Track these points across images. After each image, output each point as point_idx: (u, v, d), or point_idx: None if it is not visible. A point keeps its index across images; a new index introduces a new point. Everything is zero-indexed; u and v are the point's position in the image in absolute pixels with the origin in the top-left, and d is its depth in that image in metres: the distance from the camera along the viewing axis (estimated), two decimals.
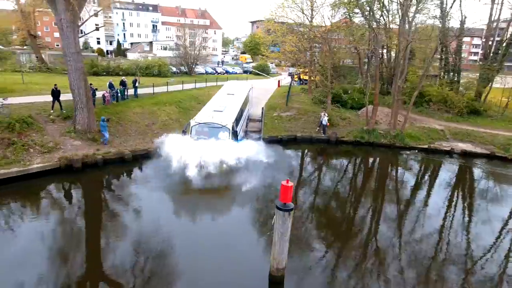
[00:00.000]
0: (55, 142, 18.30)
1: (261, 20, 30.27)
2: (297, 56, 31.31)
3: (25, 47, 56.04)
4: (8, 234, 11.73)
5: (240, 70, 67.61)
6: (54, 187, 15.90)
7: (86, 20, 28.87)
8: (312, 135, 26.35)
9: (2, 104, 18.54)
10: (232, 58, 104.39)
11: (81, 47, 71.11)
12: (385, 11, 27.64)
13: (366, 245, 12.57)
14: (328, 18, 27.99)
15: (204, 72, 55.51)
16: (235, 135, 17.47)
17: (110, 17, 79.12)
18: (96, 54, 56.38)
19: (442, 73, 37.35)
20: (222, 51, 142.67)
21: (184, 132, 17.77)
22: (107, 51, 76.12)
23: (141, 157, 19.41)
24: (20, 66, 31.78)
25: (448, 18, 28.94)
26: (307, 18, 30.25)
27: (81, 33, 75.56)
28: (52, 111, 20.44)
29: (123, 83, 25.48)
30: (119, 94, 24.80)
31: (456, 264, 11.50)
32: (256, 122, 29.23)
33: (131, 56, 65.98)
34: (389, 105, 29.15)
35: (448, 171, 22.27)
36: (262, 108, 30.98)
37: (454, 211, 16.45)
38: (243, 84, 28.38)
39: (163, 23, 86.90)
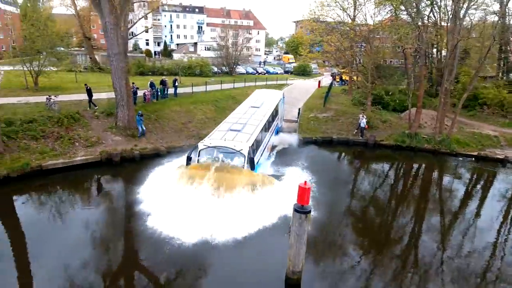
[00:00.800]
0: (98, 137, 19.53)
1: (302, 20, 29.59)
2: (336, 56, 30.37)
3: (82, 48, 60.69)
4: (56, 218, 12.89)
5: (281, 70, 67.29)
6: (95, 178, 16.98)
7: (135, 23, 30.61)
8: (349, 138, 25.43)
9: (53, 101, 20.15)
10: (274, 58, 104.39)
11: (131, 48, 75.01)
12: (435, 7, 25.90)
13: (402, 257, 11.80)
14: (371, 17, 26.76)
15: (245, 72, 56.01)
16: (251, 162, 13.89)
17: (158, 19, 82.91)
18: (144, 55, 59.33)
19: (500, 74, 34.18)
20: (266, 51, 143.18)
21: (189, 159, 14.38)
22: (155, 52, 79.86)
23: (175, 154, 20.02)
24: (74, 66, 34.36)
25: (509, 13, 26.41)
26: (349, 17, 29.28)
27: (132, 35, 79.77)
28: (89, 109, 21.81)
29: (163, 83, 26.53)
30: (159, 93, 25.83)
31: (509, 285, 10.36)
32: (292, 123, 28.93)
33: (176, 56, 68.53)
34: (437, 107, 27.25)
35: (501, 182, 20.22)
36: (299, 109, 30.56)
37: (509, 227, 14.86)
38: (273, 94, 24.23)
39: (208, 24, 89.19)
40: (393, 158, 23.61)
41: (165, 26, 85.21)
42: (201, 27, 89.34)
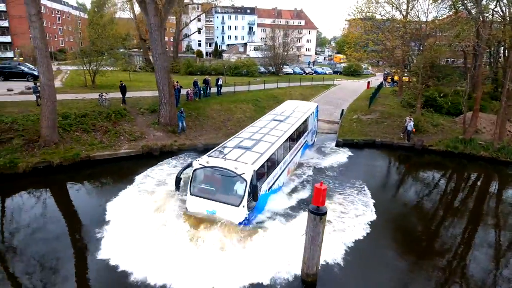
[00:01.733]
0: (141, 132, 20.76)
1: (354, 19, 28.49)
2: (383, 55, 28.79)
3: (141, 49, 64.97)
4: (101, 201, 13.74)
5: (330, 71, 65.65)
6: (137, 168, 17.91)
7: (187, 25, 32.10)
8: (393, 141, 23.97)
9: (104, 98, 21.82)
10: (325, 58, 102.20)
11: (184, 49, 78.59)
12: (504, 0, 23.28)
13: (448, 271, 10.78)
14: (424, 13, 24.87)
15: (292, 72, 55.62)
16: (253, 191, 10.80)
17: (211, 21, 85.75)
18: (195, 55, 61.72)
19: None
20: (317, 51, 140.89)
21: (178, 181, 12.07)
22: (206, 52, 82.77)
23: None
24: (129, 66, 36.90)
25: None
26: (401, 13, 27.59)
27: (185, 36, 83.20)
28: (121, 104, 22.97)
29: (206, 82, 27.35)
30: (201, 92, 26.68)
31: None
32: (334, 124, 28.10)
33: (226, 57, 70.35)
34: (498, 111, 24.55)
35: None
36: (342, 110, 29.61)
37: None
38: (304, 106, 21.03)
39: (259, 25, 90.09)
40: (443, 165, 21.73)
41: (217, 27, 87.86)
42: (252, 27, 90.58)
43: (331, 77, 53.41)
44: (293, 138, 16.61)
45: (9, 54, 54.87)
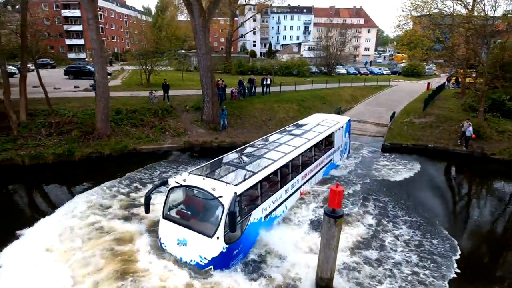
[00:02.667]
0: (184, 128, 21.73)
1: (420, 16, 26.44)
2: (441, 53, 26.37)
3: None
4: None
5: (388, 71, 62.10)
6: (178, 161, 18.79)
7: (240, 25, 32.72)
8: (448, 147, 21.91)
9: (153, 95, 23.25)
10: (384, 58, 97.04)
11: (239, 49, 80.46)
12: None
13: None
14: (492, 6, 22.16)
15: (345, 72, 53.78)
16: (231, 220, 8.77)
17: (266, 21, 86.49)
18: (248, 55, 62.75)
19: None
20: (379, 50, 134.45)
21: (147, 200, 10.23)
22: (261, 52, 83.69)
23: None
24: (182, 66, 38.84)
25: None
26: (465, 6, 25.02)
27: (241, 37, 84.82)
28: (163, 100, 24.04)
29: (251, 81, 27.69)
30: (246, 91, 27.07)
31: None
32: (383, 127, 26.59)
33: (280, 57, 70.47)
34: None
35: None
36: (394, 112, 27.87)
37: None
38: (332, 119, 18.64)
39: (315, 24, 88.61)
40: (507, 175, 19.31)
41: (272, 27, 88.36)
42: (308, 27, 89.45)
43: (387, 77, 50.54)
44: (309, 156, 14.57)
45: (82, 55, 61.34)
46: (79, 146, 18.28)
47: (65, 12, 54.87)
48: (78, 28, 59.89)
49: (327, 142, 16.48)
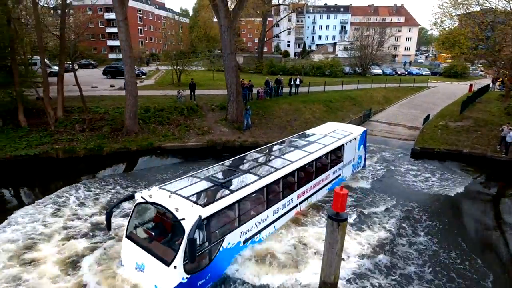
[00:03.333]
0: (209, 127, 22.13)
1: (468, 13, 24.73)
2: (481, 52, 24.54)
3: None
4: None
5: (428, 71, 58.98)
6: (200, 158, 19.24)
7: (273, 26, 32.70)
8: (486, 153, 20.38)
9: (181, 95, 23.92)
10: (426, 58, 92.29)
11: (273, 50, 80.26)
12: None
13: None
14: None
15: (381, 73, 51.87)
16: (191, 248, 7.62)
17: (301, 21, 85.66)
18: (280, 56, 62.55)
19: None
20: (421, 50, 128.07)
21: (108, 217, 9.32)
22: (295, 53, 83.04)
23: None
24: (212, 66, 39.59)
25: None
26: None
27: (276, 37, 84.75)
28: (190, 100, 24.47)
29: (278, 81, 27.58)
30: (272, 91, 27.02)
31: None
32: (415, 131, 25.35)
33: (314, 57, 69.53)
34: None
35: None
36: (428, 115, 26.46)
37: None
38: (344, 130, 16.82)
39: (352, 23, 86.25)
40: None
41: (308, 27, 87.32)
42: (344, 26, 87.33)
43: (425, 78, 48.04)
44: (309, 172, 13.06)
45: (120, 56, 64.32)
46: (108, 142, 19.26)
47: (108, 15, 58.21)
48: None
49: (335, 156, 14.82)
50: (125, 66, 18.92)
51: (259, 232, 10.64)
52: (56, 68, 34.34)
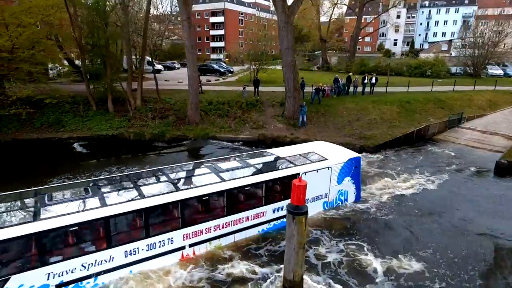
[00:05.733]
0: (264, 122, 22.54)
1: None
2: None
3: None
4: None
5: None
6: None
7: (368, 23, 30.90)
8: None
9: (245, 90, 24.92)
10: None
11: (376, 49, 75.10)
12: None
13: None
14: None
15: (501, 74, 43.09)
16: None
17: (413, 17, 77.27)
18: (380, 55, 58.03)
19: None
20: None
21: None
22: (402, 52, 75.61)
23: None
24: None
25: None
26: None
27: (382, 36, 79.60)
28: (254, 96, 24.97)
29: (348, 79, 26.03)
30: (341, 90, 25.66)
31: None
32: (509, 140, 20.67)
33: (424, 56, 62.11)
34: None
35: None
36: None
37: None
38: (328, 153, 13.05)
39: (478, 17, 73.45)
40: None
41: (421, 23, 78.32)
42: (468, 21, 75.14)
43: None
44: (215, 205, 10.22)
45: (221, 56, 69.98)
46: (172, 129, 21.66)
47: (212, 19, 63.96)
48: (221, 32, 68.71)
49: (279, 188, 11.37)
50: (188, 62, 20.87)
51: (95, 275, 8.40)
52: (159, 66, 39.93)
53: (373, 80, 27.22)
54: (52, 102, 21.26)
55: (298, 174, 11.08)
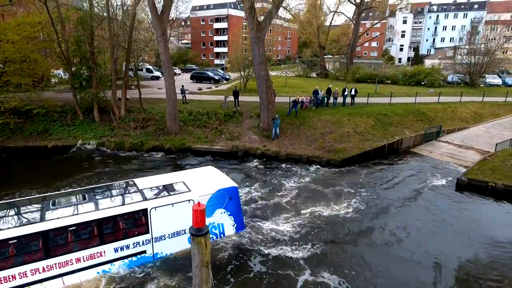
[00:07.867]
0: (239, 133, 23.30)
1: None
2: None
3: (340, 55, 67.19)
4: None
5: None
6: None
7: (363, 33, 31.05)
8: None
9: (226, 100, 25.75)
10: None
11: (382, 55, 74.27)
12: None
13: None
14: None
15: (500, 83, 42.39)
16: None
17: (420, 22, 76.32)
18: (380, 61, 57.73)
19: None
20: None
21: None
22: (408, 58, 74.88)
23: (292, 160, 20.57)
24: (285, 72, 40.10)
25: None
26: None
27: (389, 41, 79.13)
28: (234, 107, 25.70)
29: (328, 91, 26.48)
30: (319, 101, 26.13)
31: None
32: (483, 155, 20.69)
33: (429, 63, 61.37)
34: None
35: None
36: (511, 140, 21.08)
37: None
38: (183, 186, 11.90)
39: (488, 22, 72.04)
40: None
41: (428, 28, 77.27)
42: (476, 26, 73.68)
43: None
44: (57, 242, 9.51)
45: (223, 62, 70.97)
46: (151, 139, 22.67)
47: (216, 25, 65.23)
48: (225, 38, 69.84)
49: (122, 226, 10.45)
50: (164, 74, 21.90)
51: None
52: (157, 73, 41.24)
53: (353, 92, 27.48)
54: (40, 112, 22.69)
55: (146, 209, 10.55)
